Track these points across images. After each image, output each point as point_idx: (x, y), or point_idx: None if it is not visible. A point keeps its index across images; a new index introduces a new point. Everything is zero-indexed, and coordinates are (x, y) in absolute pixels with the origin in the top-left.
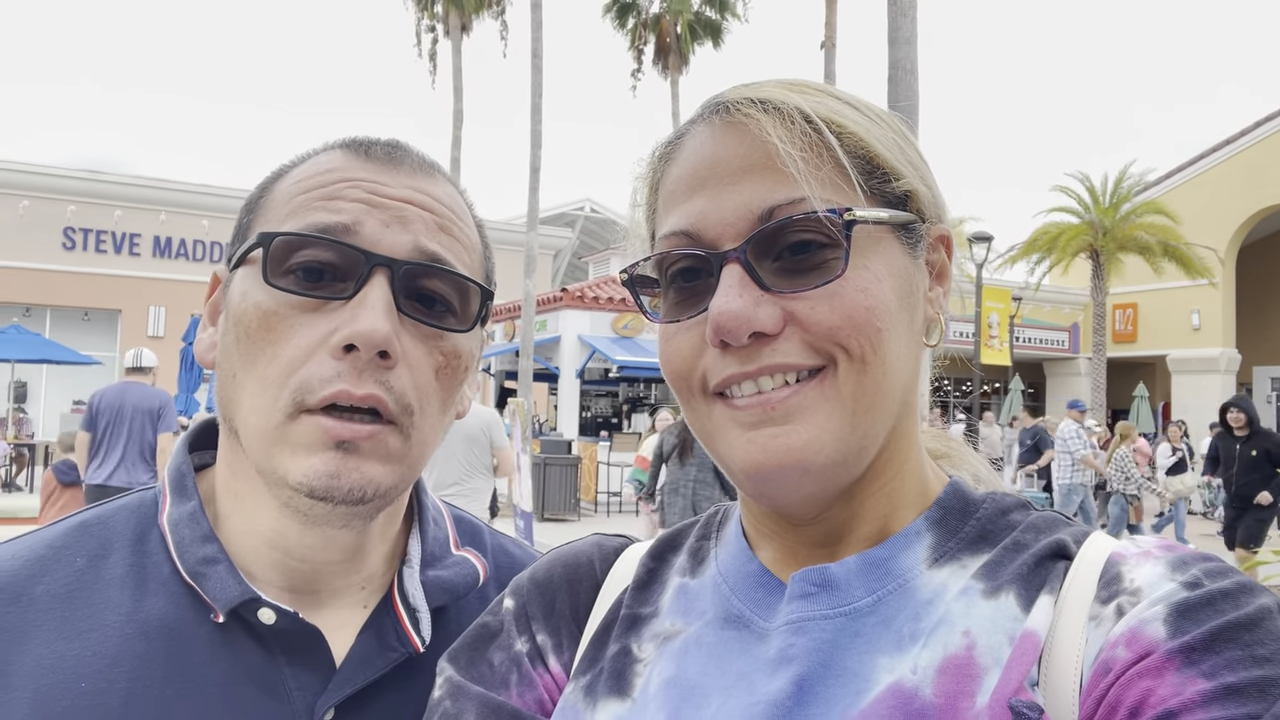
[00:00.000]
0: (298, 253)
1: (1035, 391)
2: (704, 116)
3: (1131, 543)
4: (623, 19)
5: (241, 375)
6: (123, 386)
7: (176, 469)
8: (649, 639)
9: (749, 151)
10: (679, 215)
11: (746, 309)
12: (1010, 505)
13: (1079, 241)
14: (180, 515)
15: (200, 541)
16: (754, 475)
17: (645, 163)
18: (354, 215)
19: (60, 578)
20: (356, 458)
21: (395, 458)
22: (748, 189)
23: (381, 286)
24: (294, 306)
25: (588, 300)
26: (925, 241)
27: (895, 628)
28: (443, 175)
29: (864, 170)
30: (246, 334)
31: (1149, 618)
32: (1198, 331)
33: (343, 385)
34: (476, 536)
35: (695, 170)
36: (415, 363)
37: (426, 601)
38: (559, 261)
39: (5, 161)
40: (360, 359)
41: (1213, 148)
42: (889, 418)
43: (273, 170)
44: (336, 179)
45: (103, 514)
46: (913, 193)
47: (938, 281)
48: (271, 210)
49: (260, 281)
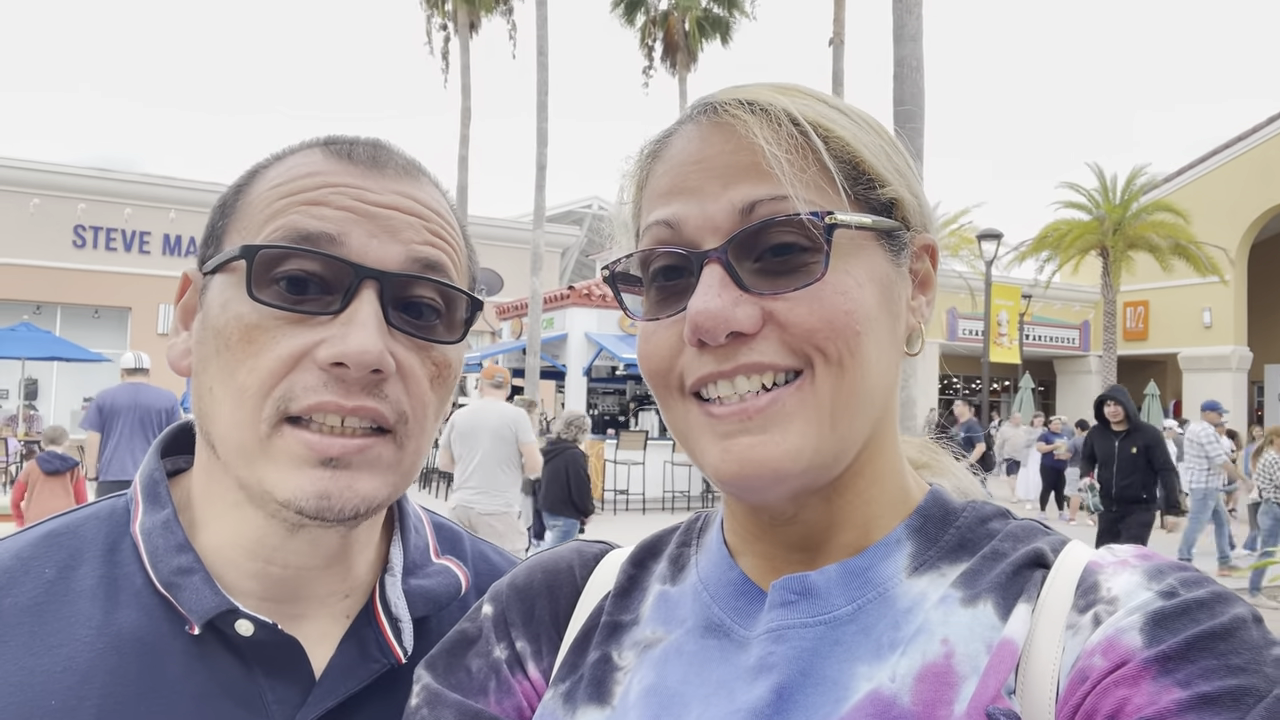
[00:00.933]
0: (282, 264)
1: (1045, 390)
2: (692, 116)
3: (1109, 551)
4: (631, 15)
5: (219, 389)
6: (134, 387)
7: (149, 476)
8: (629, 646)
9: (734, 152)
10: (662, 213)
11: (725, 308)
12: (990, 514)
13: (1088, 239)
14: (153, 524)
15: (174, 551)
16: (729, 483)
17: (633, 160)
18: (339, 225)
19: (28, 590)
20: (348, 474)
21: (389, 468)
22: (731, 189)
23: (370, 301)
24: (278, 319)
25: (595, 298)
26: (909, 250)
27: (875, 636)
28: (427, 177)
29: (849, 175)
30: (226, 346)
31: (1125, 626)
32: (1209, 329)
33: (330, 397)
34: (457, 544)
35: (680, 169)
36: (409, 373)
37: (409, 612)
38: (566, 259)
39: (16, 160)
40: (350, 375)
41: (1223, 145)
42: (867, 422)
43: (247, 169)
44: (320, 184)
45: (71, 523)
46: (898, 200)
47: (921, 290)
48: (250, 215)
49: (242, 293)
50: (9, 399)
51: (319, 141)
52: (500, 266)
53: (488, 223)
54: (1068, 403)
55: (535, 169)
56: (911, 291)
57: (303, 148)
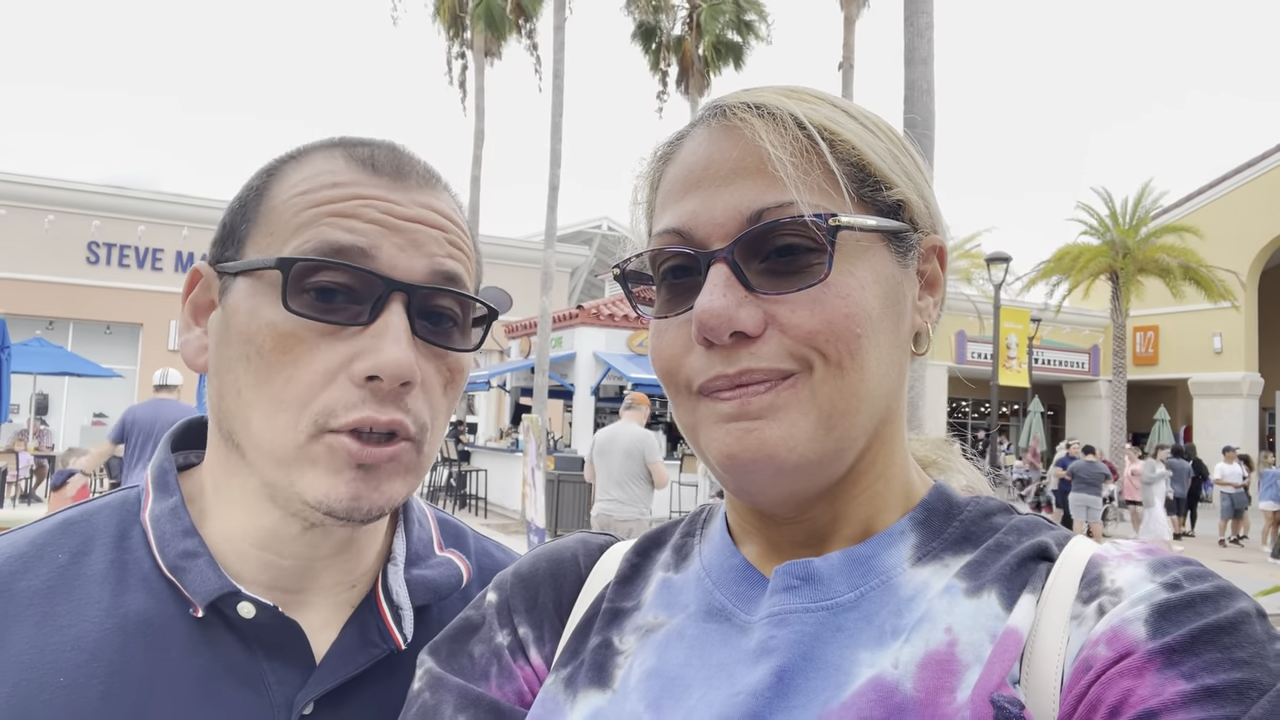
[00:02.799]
0: (314, 275)
1: (1055, 414)
2: (703, 120)
3: (1113, 545)
4: (648, 42)
5: (251, 394)
6: (155, 403)
7: (159, 466)
8: (630, 631)
9: (742, 155)
10: (672, 214)
11: (729, 308)
12: (994, 508)
13: (1098, 263)
14: (162, 511)
15: (181, 536)
16: (728, 466)
17: (646, 162)
18: (371, 238)
19: (42, 574)
20: (376, 478)
21: (411, 471)
22: (738, 191)
23: (399, 313)
24: (311, 329)
25: (603, 317)
26: (916, 251)
27: (877, 623)
28: (443, 184)
29: (855, 178)
30: (259, 353)
31: (1130, 617)
32: (1220, 355)
33: (368, 412)
34: (460, 539)
35: (690, 171)
36: (428, 383)
37: (410, 600)
38: (576, 279)
39: (32, 177)
40: (383, 388)
41: (1234, 170)
42: (868, 422)
43: (262, 169)
44: (349, 195)
45: (86, 511)
46: (905, 202)
47: (928, 291)
48: (276, 221)
49: (274, 302)
50: (19, 413)
51: (337, 143)
52: (510, 285)
53: (498, 242)
54: (1077, 428)
55: (547, 189)
56: (919, 292)
57: (321, 149)
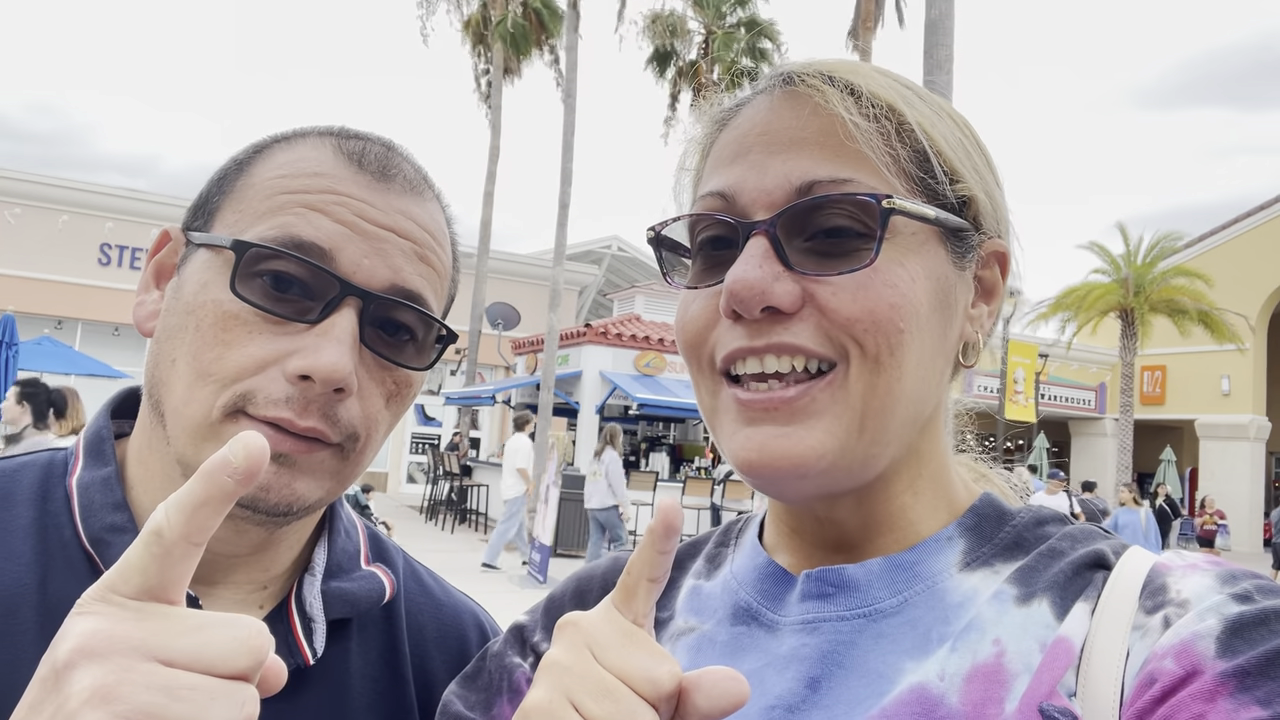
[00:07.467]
0: (270, 262)
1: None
2: (767, 87)
3: (1176, 555)
4: (663, 68)
5: (182, 363)
6: None
7: (96, 433)
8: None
9: (804, 123)
10: (720, 177)
11: (763, 280)
12: (1047, 517)
13: (1108, 300)
14: (92, 479)
15: (110, 509)
16: (748, 472)
17: (700, 125)
18: (333, 239)
19: None
20: (290, 472)
21: (328, 475)
22: (792, 160)
23: (349, 318)
24: (256, 316)
25: (610, 337)
26: (976, 254)
27: (922, 629)
28: (431, 190)
29: (921, 165)
30: (198, 327)
31: (1201, 632)
32: (1227, 397)
33: (288, 413)
34: (388, 556)
35: (745, 135)
36: (367, 393)
37: (325, 613)
38: (584, 298)
39: (46, 177)
40: (313, 389)
41: (1244, 214)
42: (903, 427)
43: (251, 144)
44: (325, 188)
45: (7, 467)
46: (970, 199)
47: (984, 299)
48: (248, 199)
49: (224, 281)
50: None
51: (331, 132)
52: (518, 302)
53: (507, 258)
54: (1082, 465)
55: (558, 207)
56: (973, 299)
57: (314, 135)
